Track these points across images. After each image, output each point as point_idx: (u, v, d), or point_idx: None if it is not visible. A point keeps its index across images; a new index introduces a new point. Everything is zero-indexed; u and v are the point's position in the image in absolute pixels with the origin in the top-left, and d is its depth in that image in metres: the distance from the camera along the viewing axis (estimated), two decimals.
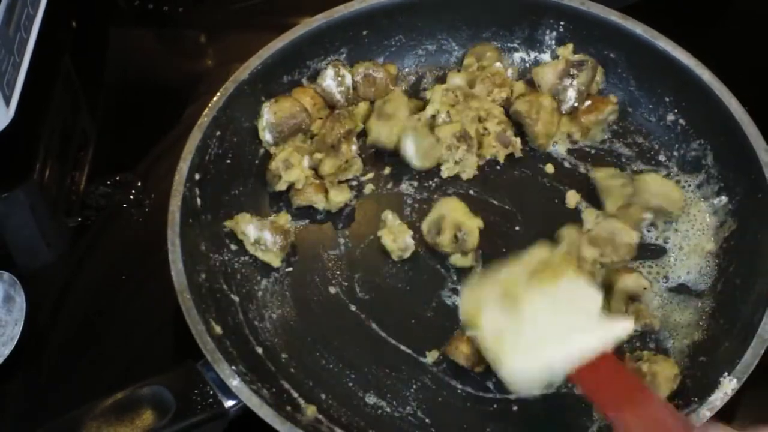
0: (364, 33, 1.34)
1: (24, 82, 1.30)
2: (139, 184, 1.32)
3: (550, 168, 1.30)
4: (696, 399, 1.06)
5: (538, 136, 1.30)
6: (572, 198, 1.26)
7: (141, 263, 1.26)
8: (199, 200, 1.20)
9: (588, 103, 1.31)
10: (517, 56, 1.38)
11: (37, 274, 1.26)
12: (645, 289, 1.17)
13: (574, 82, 1.29)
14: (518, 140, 1.29)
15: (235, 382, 1.04)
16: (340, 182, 1.27)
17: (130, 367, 1.18)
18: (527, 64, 1.38)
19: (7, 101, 1.26)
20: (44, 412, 1.15)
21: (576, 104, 1.31)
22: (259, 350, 1.15)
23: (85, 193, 1.32)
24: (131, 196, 1.31)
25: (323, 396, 1.13)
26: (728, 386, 1.04)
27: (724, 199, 1.24)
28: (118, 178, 1.33)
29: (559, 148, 1.32)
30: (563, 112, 1.31)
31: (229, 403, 1.05)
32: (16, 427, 1.15)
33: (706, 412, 1.03)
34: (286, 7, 1.52)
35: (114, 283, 1.25)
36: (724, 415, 1.05)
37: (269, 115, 1.26)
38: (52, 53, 1.42)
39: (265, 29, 1.33)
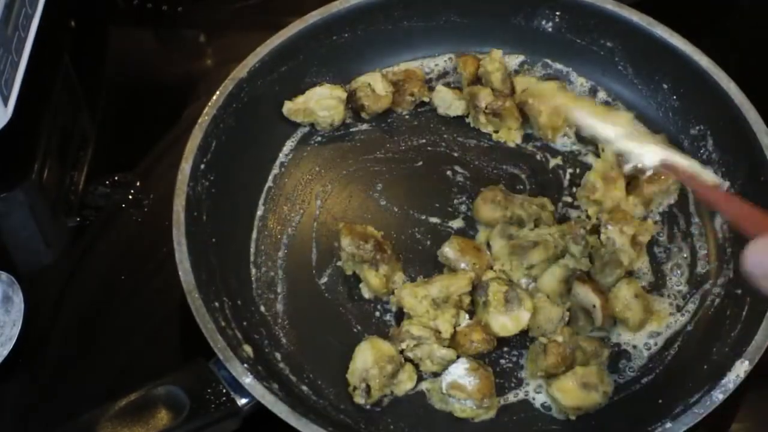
0: (361, 29, 1.35)
1: (22, 81, 1.29)
2: (138, 184, 1.31)
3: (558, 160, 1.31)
4: (709, 382, 1.05)
5: (543, 128, 1.30)
6: None
7: (140, 263, 1.25)
8: (202, 198, 1.19)
9: (649, 172, 1.25)
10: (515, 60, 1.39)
11: (36, 275, 1.24)
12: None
13: None
14: None
15: (248, 380, 1.04)
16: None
17: (129, 367, 1.17)
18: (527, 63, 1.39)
19: (6, 101, 1.25)
20: (43, 412, 1.14)
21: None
22: (270, 347, 1.15)
23: (84, 193, 1.31)
24: (130, 196, 1.30)
25: (333, 390, 1.13)
26: (740, 368, 1.04)
27: (725, 183, 1.24)
28: (117, 178, 1.32)
29: (563, 140, 1.32)
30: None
31: (242, 401, 1.04)
32: (15, 428, 1.14)
33: (719, 395, 1.03)
34: (285, 7, 1.51)
35: (113, 283, 1.24)
36: (725, 416, 1.07)
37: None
38: (50, 52, 1.41)
39: (264, 29, 1.32)
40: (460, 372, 1.10)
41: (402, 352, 1.13)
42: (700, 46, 1.28)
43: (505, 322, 1.14)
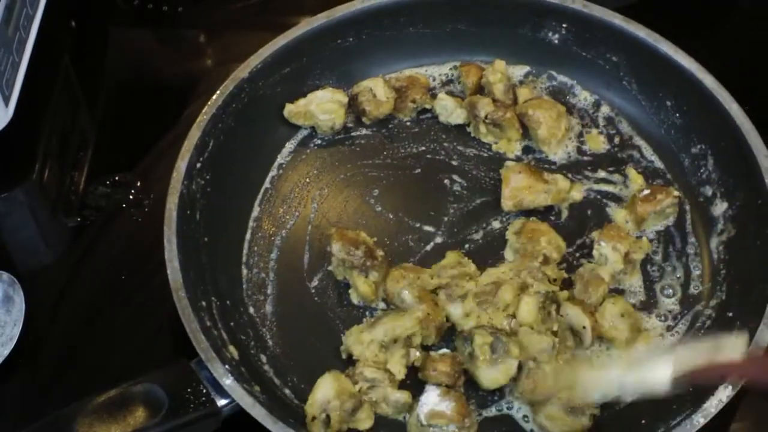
0: (366, 33, 1.34)
1: (23, 81, 1.30)
2: (138, 183, 1.33)
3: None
4: (691, 405, 1.05)
5: (543, 140, 1.30)
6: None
7: (140, 263, 1.26)
8: (197, 197, 1.20)
9: (646, 191, 1.24)
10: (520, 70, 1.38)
11: (37, 275, 1.26)
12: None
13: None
14: None
15: (228, 381, 1.05)
16: None
17: (129, 367, 1.18)
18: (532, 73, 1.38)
19: (6, 101, 1.26)
20: (43, 412, 1.13)
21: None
22: (256, 349, 1.16)
23: (85, 193, 1.32)
24: (130, 196, 1.31)
25: None
26: (723, 393, 1.04)
27: (723, 204, 1.23)
28: (117, 178, 1.33)
29: (561, 154, 1.32)
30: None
31: (222, 402, 1.05)
32: (16, 427, 1.15)
33: (700, 418, 1.04)
34: (285, 7, 1.51)
35: (113, 283, 1.26)
36: (724, 415, 1.05)
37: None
38: (51, 53, 1.41)
39: (264, 29, 1.33)
40: (434, 400, 1.10)
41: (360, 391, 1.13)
42: (699, 47, 1.26)
43: (495, 376, 1.12)
